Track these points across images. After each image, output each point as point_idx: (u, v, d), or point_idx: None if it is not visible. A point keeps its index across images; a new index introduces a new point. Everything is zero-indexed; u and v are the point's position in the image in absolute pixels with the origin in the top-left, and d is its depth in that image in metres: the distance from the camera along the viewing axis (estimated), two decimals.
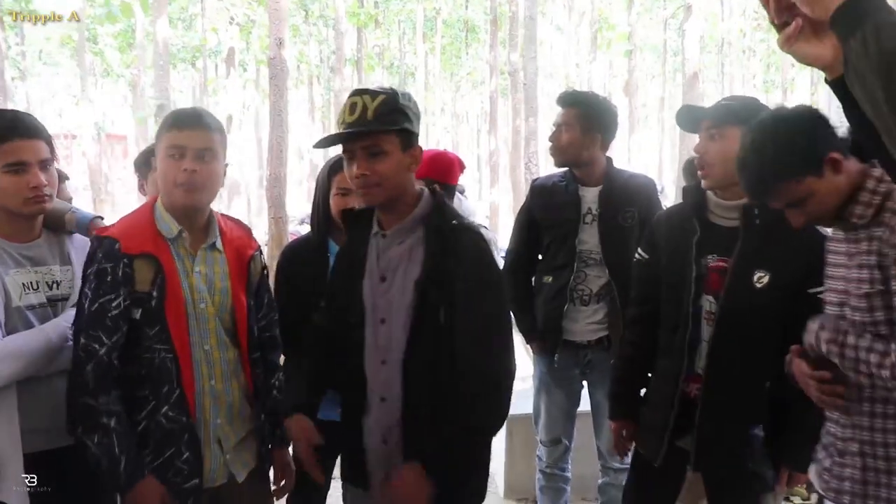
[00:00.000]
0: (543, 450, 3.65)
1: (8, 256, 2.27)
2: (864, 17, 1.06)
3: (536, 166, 13.23)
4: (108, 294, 2.13)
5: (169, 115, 2.33)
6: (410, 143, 2.12)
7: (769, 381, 2.38)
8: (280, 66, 10.17)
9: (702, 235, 2.46)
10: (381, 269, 2.19)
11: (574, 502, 4.01)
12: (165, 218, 2.25)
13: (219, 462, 2.30)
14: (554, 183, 3.47)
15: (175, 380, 2.19)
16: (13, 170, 2.20)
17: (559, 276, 3.38)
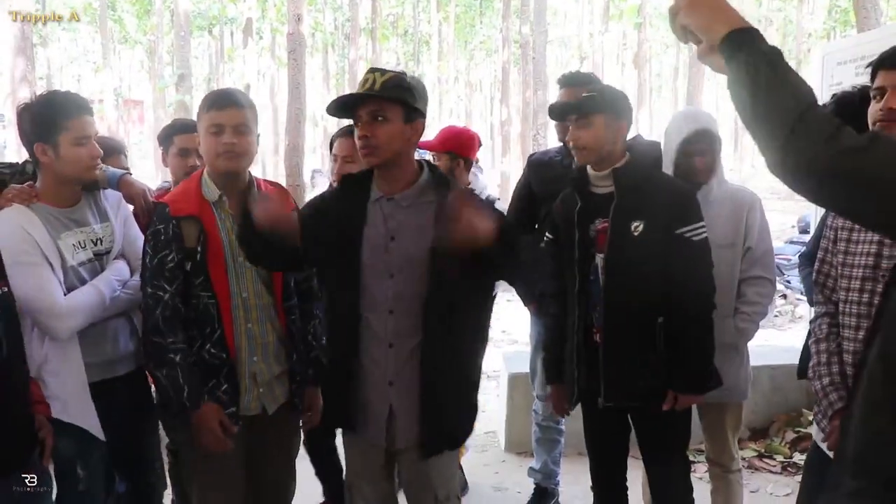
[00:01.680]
0: (539, 404, 3.95)
1: (58, 222, 2.59)
2: (736, 50, 1.36)
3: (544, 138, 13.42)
4: (164, 250, 2.52)
5: (207, 96, 2.65)
6: (412, 117, 2.41)
7: (661, 317, 2.69)
8: (298, 41, 10.45)
9: (583, 205, 2.80)
10: (391, 230, 2.45)
11: (570, 456, 4.30)
12: (209, 184, 2.61)
13: (252, 395, 2.65)
14: (550, 157, 3.75)
15: (216, 322, 2.55)
16: (81, 142, 2.53)
17: None
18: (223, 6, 21.67)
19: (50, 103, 2.55)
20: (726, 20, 1.40)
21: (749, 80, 1.32)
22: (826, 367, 2.39)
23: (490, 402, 5.63)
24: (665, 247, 2.67)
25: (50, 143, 2.51)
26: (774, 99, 1.30)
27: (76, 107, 2.54)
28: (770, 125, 1.30)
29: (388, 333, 2.45)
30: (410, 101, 2.39)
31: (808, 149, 1.25)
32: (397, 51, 32.42)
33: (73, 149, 2.52)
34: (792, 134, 1.26)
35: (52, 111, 2.51)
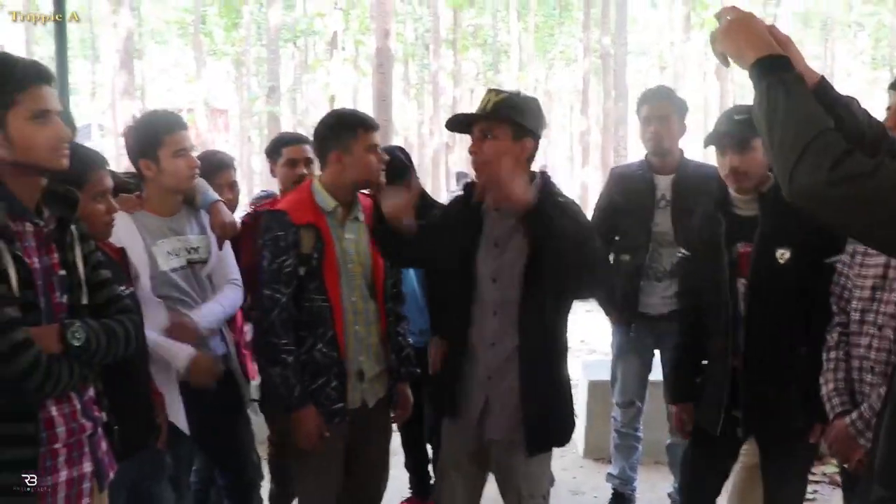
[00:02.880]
0: (618, 411, 4.06)
1: (155, 228, 2.83)
2: (760, 78, 1.47)
3: (625, 149, 13.37)
4: (283, 255, 2.73)
5: (359, 118, 2.89)
6: (521, 136, 2.58)
7: (804, 347, 2.68)
8: (385, 55, 10.75)
9: (728, 226, 2.77)
10: (495, 238, 2.67)
11: (647, 464, 4.40)
12: (323, 195, 2.83)
13: (357, 391, 2.88)
14: (631, 171, 3.90)
15: (329, 323, 2.78)
16: (180, 155, 2.78)
17: (636, 255, 3.77)
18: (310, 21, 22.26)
19: (150, 122, 2.82)
20: (755, 48, 1.51)
21: (767, 106, 1.43)
22: (832, 374, 2.52)
23: None
24: (810, 275, 2.62)
25: (152, 157, 2.75)
26: (788, 126, 1.40)
27: (173, 123, 2.81)
28: (783, 150, 1.40)
29: (491, 333, 2.66)
30: (518, 120, 2.56)
31: (812, 174, 1.34)
32: (477, 61, 32.61)
33: (172, 161, 2.76)
34: (800, 160, 1.35)
35: (153, 129, 2.78)
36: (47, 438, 1.91)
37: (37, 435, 1.88)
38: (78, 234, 2.07)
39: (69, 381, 1.91)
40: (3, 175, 1.90)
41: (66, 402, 1.97)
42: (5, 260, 1.82)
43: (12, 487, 1.85)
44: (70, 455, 1.97)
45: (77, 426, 1.99)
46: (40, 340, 1.84)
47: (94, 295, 2.07)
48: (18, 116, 1.86)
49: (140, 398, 2.50)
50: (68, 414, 1.97)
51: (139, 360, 2.46)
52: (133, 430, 2.32)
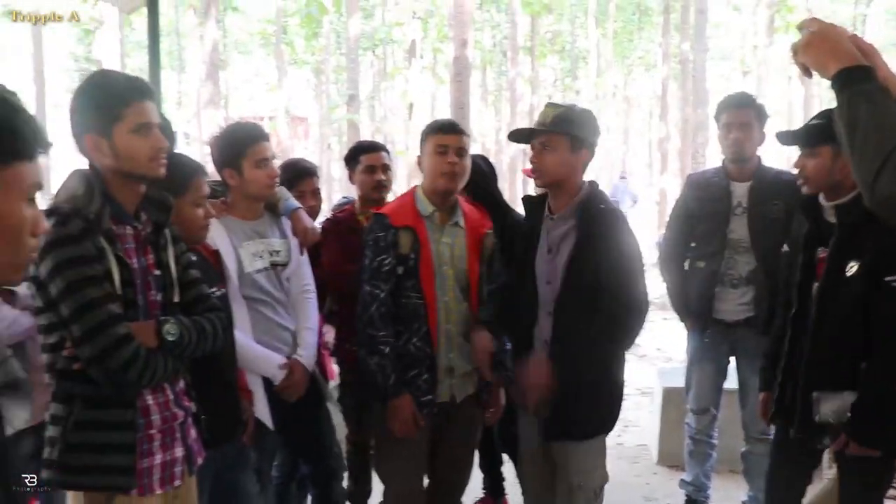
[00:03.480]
0: (693, 417, 4.05)
1: (241, 232, 2.99)
2: (842, 88, 1.50)
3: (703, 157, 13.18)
4: (382, 255, 2.92)
5: (433, 123, 3.08)
6: (578, 147, 2.82)
7: (865, 363, 2.63)
8: (463, 64, 10.89)
9: (811, 230, 2.79)
10: (550, 244, 2.91)
11: (721, 472, 4.38)
12: (423, 200, 3.00)
13: (446, 385, 3.01)
14: (707, 178, 3.89)
15: (423, 320, 2.94)
16: (261, 165, 2.94)
17: (711, 261, 3.76)
18: (389, 30, 22.59)
19: (234, 134, 3.00)
20: (837, 58, 1.53)
21: (849, 117, 1.46)
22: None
23: (643, 417, 5.71)
24: (873, 291, 2.61)
25: (235, 167, 2.92)
26: (869, 136, 1.41)
27: (255, 135, 2.97)
28: (864, 160, 1.42)
29: (546, 332, 2.90)
30: (575, 133, 2.78)
31: (891, 186, 1.36)
32: (555, 67, 32.53)
33: (254, 171, 2.92)
34: (882, 169, 1.37)
35: (236, 141, 2.95)
36: (144, 425, 2.07)
37: (135, 421, 2.04)
38: (171, 237, 2.23)
39: (164, 372, 2.06)
40: (108, 182, 2.06)
41: (161, 392, 2.13)
42: (109, 260, 1.98)
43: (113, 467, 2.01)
44: (163, 440, 2.13)
45: (170, 414, 2.15)
46: (139, 335, 2.00)
47: (184, 293, 2.23)
48: (123, 129, 2.04)
49: (227, 393, 2.64)
50: (162, 403, 2.13)
51: (227, 357, 2.60)
52: (219, 423, 2.46)
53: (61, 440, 2.00)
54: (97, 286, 1.94)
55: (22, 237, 1.16)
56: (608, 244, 2.80)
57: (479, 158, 3.77)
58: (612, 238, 2.82)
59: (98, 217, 1.99)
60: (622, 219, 2.92)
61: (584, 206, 2.86)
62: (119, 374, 1.95)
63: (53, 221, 1.94)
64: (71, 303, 1.92)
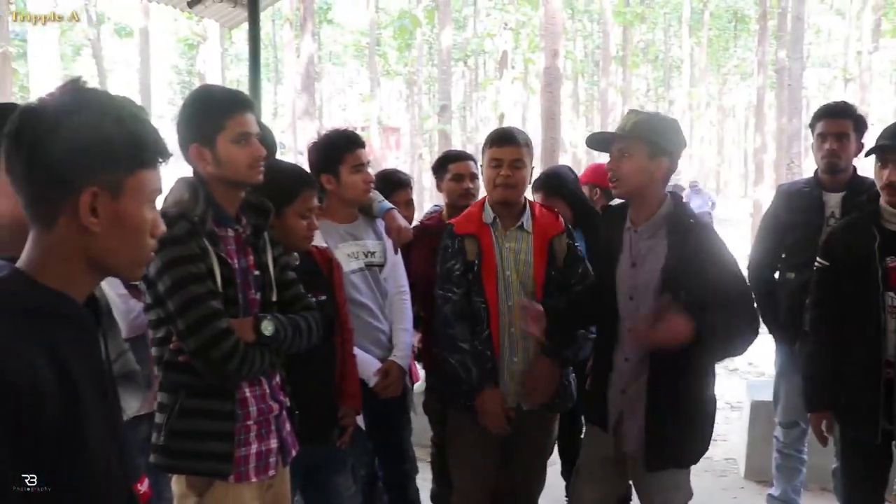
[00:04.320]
0: (781, 431, 3.98)
1: (337, 234, 3.12)
2: None
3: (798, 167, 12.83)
4: (451, 260, 3.02)
5: (490, 134, 3.14)
6: (657, 155, 2.70)
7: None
8: (554, 75, 10.93)
9: (881, 240, 2.75)
10: (633, 257, 2.79)
11: (813, 490, 4.28)
12: (487, 209, 3.05)
13: (509, 389, 3.03)
14: (799, 188, 3.82)
15: (485, 323, 2.99)
16: (357, 170, 3.06)
17: (802, 272, 3.68)
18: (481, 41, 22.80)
19: (332, 141, 3.12)
20: None
21: None
22: None
23: (732, 431, 5.62)
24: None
25: (333, 172, 3.05)
26: None
27: (352, 142, 3.09)
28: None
29: (625, 348, 2.79)
30: (655, 140, 2.68)
31: None
32: (647, 77, 32.17)
33: (350, 176, 3.05)
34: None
35: (334, 147, 3.08)
36: (242, 415, 2.20)
37: (234, 411, 2.18)
38: (269, 240, 2.36)
39: (261, 366, 2.18)
40: (211, 188, 2.21)
41: (258, 385, 2.26)
42: (212, 260, 2.12)
43: (213, 454, 2.14)
44: (259, 431, 2.25)
45: (266, 407, 2.26)
46: (238, 330, 2.13)
47: (282, 293, 2.36)
48: (225, 139, 2.18)
49: (322, 392, 2.73)
50: (259, 395, 2.25)
51: (325, 357, 2.71)
52: (311, 420, 2.56)
53: (166, 427, 2.14)
54: (201, 283, 2.08)
55: (143, 238, 1.28)
56: (702, 258, 2.67)
57: (567, 168, 3.84)
58: (707, 252, 2.69)
59: (202, 220, 2.14)
60: (713, 231, 2.83)
61: (673, 218, 2.74)
62: (220, 366, 2.08)
63: None
64: (177, 299, 2.06)
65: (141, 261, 1.32)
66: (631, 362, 2.78)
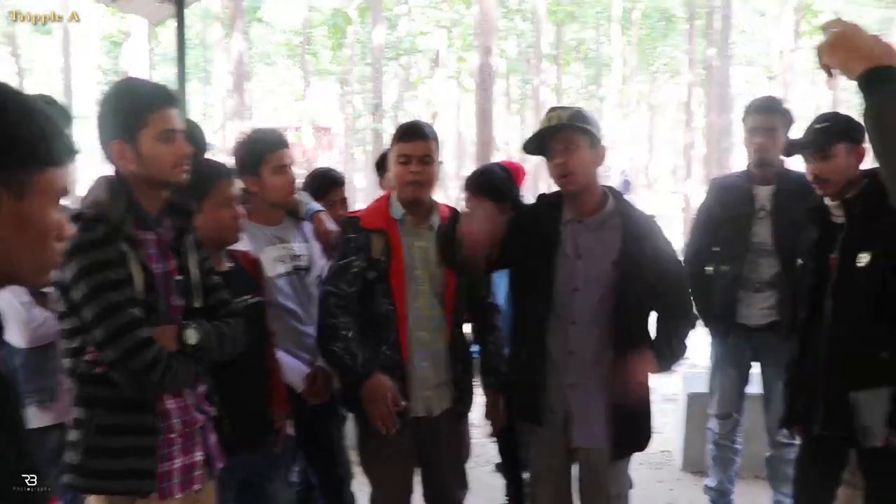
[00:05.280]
0: (716, 423, 4.02)
1: (262, 237, 3.01)
2: (869, 90, 1.46)
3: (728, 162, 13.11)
4: (351, 256, 2.85)
5: (398, 128, 3.03)
6: (595, 144, 2.72)
7: (886, 352, 2.62)
8: (488, 72, 10.91)
9: (825, 234, 2.80)
10: (578, 250, 2.75)
11: (746, 478, 4.34)
12: (395, 204, 2.93)
13: (420, 398, 2.92)
14: (731, 182, 3.88)
15: (392, 326, 2.86)
16: (280, 171, 2.97)
17: (734, 265, 3.73)
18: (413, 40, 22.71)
19: (254, 141, 3.02)
20: (863, 59, 1.50)
21: (877, 117, 1.44)
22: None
23: (668, 423, 5.67)
24: (890, 281, 2.61)
25: (255, 174, 2.94)
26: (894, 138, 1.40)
27: (275, 142, 2.99)
28: (890, 161, 1.40)
29: (568, 341, 2.76)
30: (593, 131, 2.69)
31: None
32: (579, 75, 32.46)
33: (272, 177, 2.95)
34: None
35: (255, 148, 2.97)
36: (164, 429, 2.09)
37: (155, 425, 2.07)
38: (193, 243, 2.24)
39: (185, 376, 2.08)
40: (133, 188, 2.10)
41: (181, 397, 2.15)
42: (132, 265, 2.00)
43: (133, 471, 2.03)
44: (183, 445, 2.14)
45: (190, 419, 2.16)
46: (160, 339, 2.02)
47: (206, 298, 2.25)
48: (148, 135, 2.07)
49: (254, 399, 2.63)
50: (182, 407, 2.15)
51: (254, 363, 2.61)
52: (244, 429, 2.47)
53: (83, 444, 2.03)
54: (119, 290, 1.97)
55: (48, 241, 1.18)
56: (655, 252, 2.73)
57: (497, 166, 3.78)
58: (657, 245, 2.76)
59: (121, 222, 2.02)
60: (658, 225, 2.86)
61: (623, 211, 2.77)
62: (141, 377, 1.98)
63: (78, 227, 1.97)
64: (94, 306, 1.95)
65: (46, 266, 1.22)
66: (578, 356, 2.76)
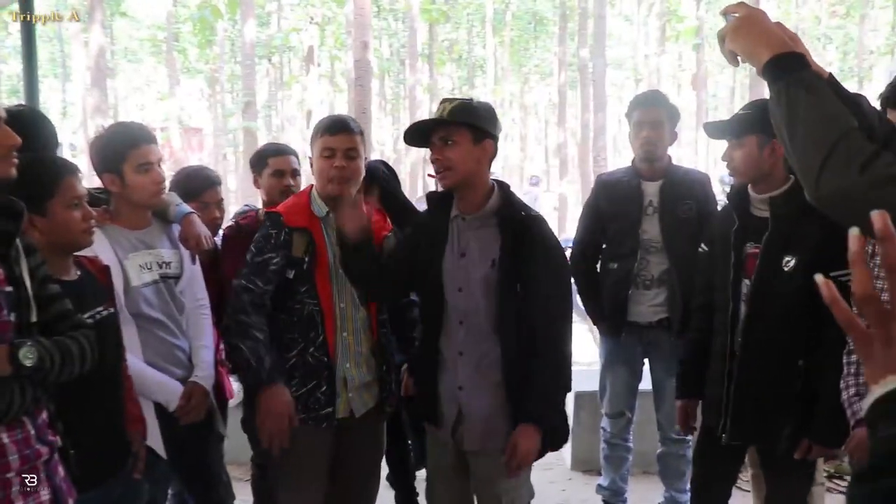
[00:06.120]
0: (608, 421, 3.97)
1: (126, 242, 2.72)
2: (776, 77, 1.37)
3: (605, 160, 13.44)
4: (270, 253, 2.70)
5: (321, 121, 2.84)
6: (480, 139, 2.58)
7: (802, 360, 2.61)
8: (364, 68, 10.72)
9: (740, 226, 2.75)
10: (462, 247, 2.65)
11: (636, 475, 4.32)
12: (318, 201, 2.78)
13: (343, 398, 2.79)
14: (618, 178, 3.81)
15: (320, 327, 2.72)
16: (143, 169, 2.67)
17: (624, 262, 3.69)
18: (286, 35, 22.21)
19: (113, 136, 2.72)
20: (769, 45, 1.40)
21: (786, 108, 1.33)
22: (854, 378, 2.42)
23: None
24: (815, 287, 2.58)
25: (116, 172, 2.65)
26: (810, 128, 1.30)
27: (137, 137, 2.69)
28: (806, 152, 1.30)
29: (458, 342, 2.65)
30: (477, 124, 2.55)
31: (839, 180, 1.25)
32: (452, 76, 32.68)
33: (136, 176, 2.66)
34: (825, 164, 1.26)
35: (115, 143, 2.68)
36: (1, 467, 1.78)
37: None
38: (23, 248, 1.92)
39: (21, 403, 1.78)
40: None
41: (19, 428, 1.83)
42: None
43: None
44: (24, 484, 1.83)
45: (31, 452, 1.85)
46: None
47: (43, 311, 1.94)
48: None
49: (109, 423, 2.35)
50: (21, 440, 1.83)
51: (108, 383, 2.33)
52: (100, 458, 2.22)
53: None
54: None
55: None
56: (536, 253, 2.57)
57: (379, 163, 3.62)
58: (539, 246, 2.60)
59: None
60: (547, 225, 2.72)
61: (505, 209, 2.63)
62: None
63: None
64: None
65: None
66: (467, 358, 2.64)
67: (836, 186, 1.26)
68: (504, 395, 2.62)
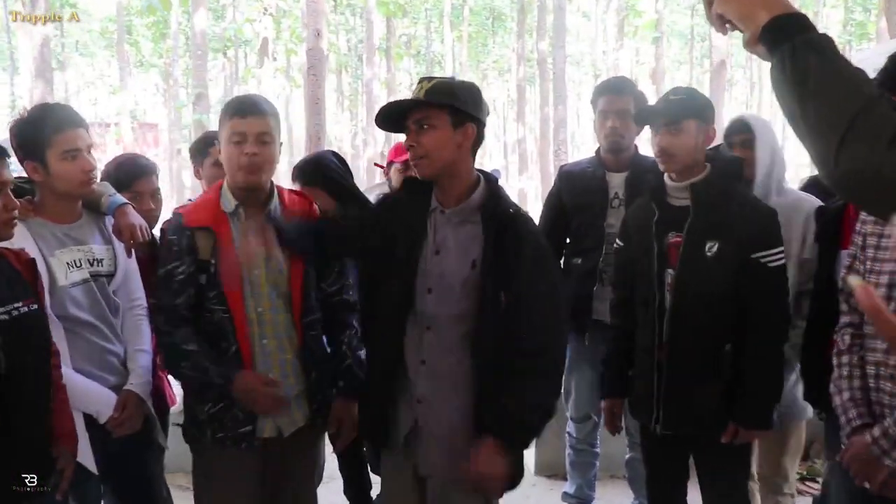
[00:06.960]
0: (573, 426, 3.80)
1: (52, 237, 2.49)
2: (780, 41, 1.16)
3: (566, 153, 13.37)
4: (174, 262, 2.45)
5: (229, 103, 2.56)
6: (461, 122, 2.29)
7: (729, 345, 2.59)
8: (318, 57, 10.45)
9: (660, 216, 2.68)
10: (437, 244, 2.36)
11: (603, 479, 4.17)
12: (227, 194, 2.51)
13: (268, 416, 2.51)
14: (582, 169, 3.62)
15: (231, 337, 2.46)
16: (70, 156, 2.43)
17: (588, 258, 3.51)
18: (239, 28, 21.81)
19: (35, 120, 2.47)
20: (766, 5, 1.20)
21: (794, 75, 1.13)
22: (847, 381, 2.27)
23: None
24: (739, 271, 2.55)
25: (38, 160, 2.43)
26: (824, 98, 1.11)
27: (63, 121, 2.46)
28: (821, 127, 1.10)
29: (422, 349, 2.37)
30: (458, 106, 2.27)
31: (863, 156, 1.07)
32: (411, 71, 32.51)
33: (61, 164, 2.43)
34: (844, 139, 1.07)
35: (38, 127, 2.44)
36: None
37: None
38: None
39: None
40: None
41: None
42: None
43: None
44: None
45: None
46: None
47: None
48: None
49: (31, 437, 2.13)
50: None
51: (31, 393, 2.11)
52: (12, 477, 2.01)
53: None
54: None
55: None
56: (523, 254, 2.29)
57: (329, 153, 3.38)
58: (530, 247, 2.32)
59: None
60: (533, 223, 2.47)
61: (491, 204, 2.35)
62: None
63: None
64: None
65: None
66: (429, 367, 2.37)
67: (860, 164, 1.06)
68: (471, 414, 2.33)
